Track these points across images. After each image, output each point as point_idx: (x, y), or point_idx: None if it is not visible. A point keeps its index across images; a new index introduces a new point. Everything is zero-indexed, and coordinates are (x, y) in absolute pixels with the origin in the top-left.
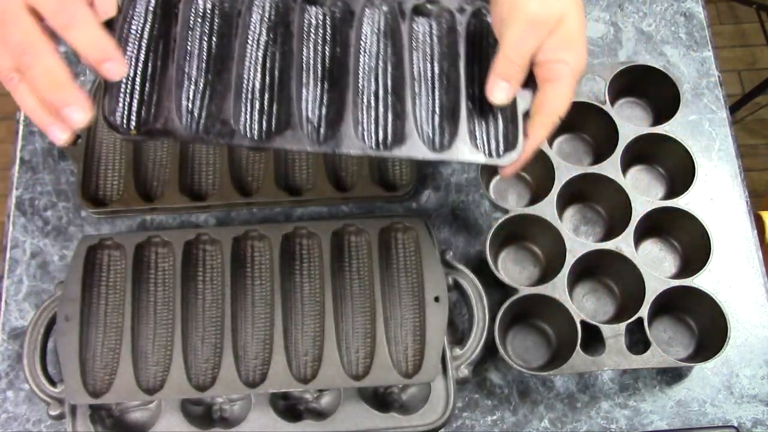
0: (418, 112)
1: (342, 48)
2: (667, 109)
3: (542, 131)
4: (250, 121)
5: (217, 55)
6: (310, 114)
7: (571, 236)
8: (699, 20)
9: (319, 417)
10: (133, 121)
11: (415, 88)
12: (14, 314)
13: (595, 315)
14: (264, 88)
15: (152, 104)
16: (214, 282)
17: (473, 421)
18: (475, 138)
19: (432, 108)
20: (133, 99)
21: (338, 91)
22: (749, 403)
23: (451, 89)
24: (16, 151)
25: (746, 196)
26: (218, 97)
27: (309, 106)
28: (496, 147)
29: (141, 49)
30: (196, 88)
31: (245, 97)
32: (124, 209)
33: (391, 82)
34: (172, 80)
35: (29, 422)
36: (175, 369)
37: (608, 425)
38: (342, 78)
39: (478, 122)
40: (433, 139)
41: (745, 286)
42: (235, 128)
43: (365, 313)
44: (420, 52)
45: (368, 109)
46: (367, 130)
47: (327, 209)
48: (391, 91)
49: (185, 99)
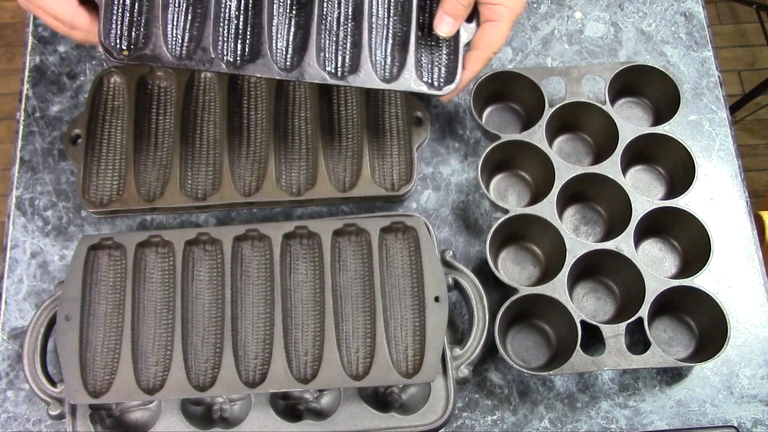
0: (373, 41)
1: None
2: (667, 109)
3: (478, 65)
4: (227, 46)
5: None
6: (279, 42)
7: (571, 236)
8: (699, 20)
9: (319, 417)
10: (124, 43)
11: (372, 17)
12: (14, 314)
13: (595, 315)
14: (239, 14)
15: (141, 28)
16: (214, 282)
17: (473, 421)
18: (421, 68)
19: (386, 36)
20: (124, 23)
21: (304, 17)
22: (749, 403)
23: (405, 19)
24: (16, 151)
25: (746, 196)
26: (199, 22)
27: (279, 33)
28: (438, 78)
29: None
30: (178, 14)
31: (223, 23)
32: (124, 209)
33: (352, 9)
34: (158, 5)
35: (29, 422)
36: (175, 369)
37: (608, 425)
38: (308, 4)
39: (425, 53)
40: (385, 67)
41: (745, 286)
42: (213, 55)
43: (365, 313)
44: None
45: (330, 35)
46: (328, 58)
47: (327, 209)
48: (351, 18)
49: (170, 23)
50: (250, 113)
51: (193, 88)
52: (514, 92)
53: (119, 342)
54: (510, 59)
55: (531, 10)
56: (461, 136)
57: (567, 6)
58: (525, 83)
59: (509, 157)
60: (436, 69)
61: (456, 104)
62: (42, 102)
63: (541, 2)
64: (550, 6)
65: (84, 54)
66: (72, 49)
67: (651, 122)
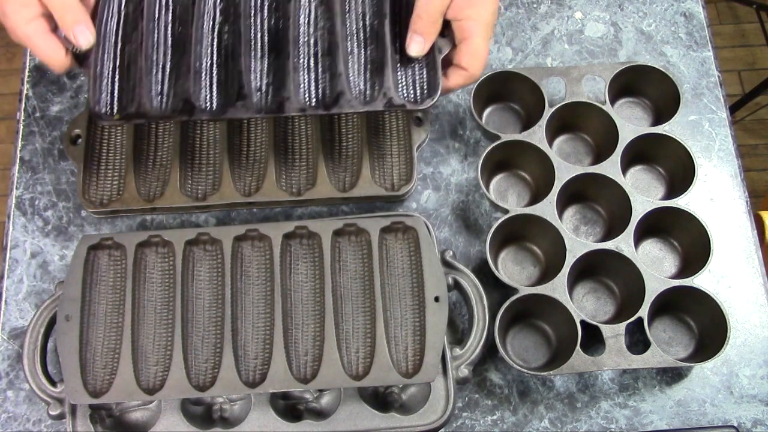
0: (351, 70)
1: (283, 20)
2: (667, 109)
3: (460, 80)
4: (209, 96)
5: (178, 40)
6: (258, 83)
7: (571, 236)
8: (699, 20)
9: (319, 417)
10: (114, 108)
11: (348, 48)
12: (14, 314)
13: (595, 315)
14: (219, 65)
15: (128, 91)
16: (214, 282)
17: (473, 421)
18: (400, 88)
19: (364, 64)
20: (114, 90)
21: (281, 60)
22: (749, 403)
23: (380, 46)
24: (16, 151)
25: (746, 196)
26: (181, 78)
27: (257, 76)
28: (419, 94)
29: (116, 45)
30: (163, 73)
31: (204, 75)
32: (124, 209)
33: (328, 45)
34: (142, 69)
35: (29, 422)
36: (175, 369)
37: (608, 425)
38: (284, 47)
39: (404, 73)
40: (365, 92)
41: (745, 286)
42: (196, 104)
43: (365, 313)
44: (353, 13)
45: (308, 72)
46: (307, 91)
47: (327, 209)
48: (328, 53)
49: (154, 83)
50: None
51: None
52: (514, 92)
53: (119, 342)
54: (510, 59)
55: (531, 10)
56: (461, 136)
57: (567, 6)
58: (525, 83)
59: (509, 157)
60: (418, 86)
61: (456, 104)
62: (42, 102)
63: (541, 2)
64: (550, 6)
65: None
66: None
67: (651, 122)
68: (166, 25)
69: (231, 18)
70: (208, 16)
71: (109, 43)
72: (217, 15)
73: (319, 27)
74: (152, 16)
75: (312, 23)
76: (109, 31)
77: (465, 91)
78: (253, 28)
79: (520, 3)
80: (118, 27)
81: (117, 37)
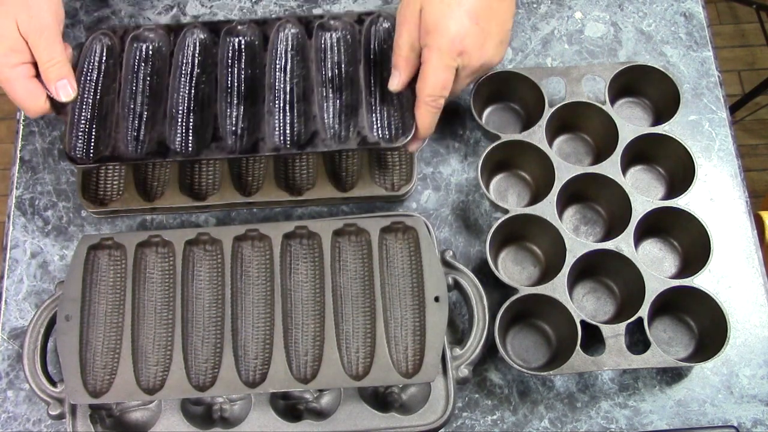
0: (325, 113)
1: (259, 68)
2: (667, 109)
3: (425, 110)
4: (184, 140)
5: (156, 90)
6: (233, 127)
7: (571, 236)
8: (699, 20)
9: (319, 417)
10: (91, 152)
11: (323, 93)
12: (14, 314)
13: (595, 315)
14: (194, 111)
15: (104, 138)
16: (214, 282)
17: (473, 421)
18: (375, 127)
19: (339, 107)
20: (91, 134)
21: (257, 105)
22: (749, 403)
23: (355, 90)
24: (16, 151)
25: (746, 196)
26: (157, 124)
27: (232, 121)
28: (393, 133)
29: (95, 95)
30: (139, 120)
31: (179, 121)
32: (124, 209)
33: (303, 91)
34: (119, 116)
35: (29, 422)
36: (175, 369)
37: (608, 425)
38: (259, 93)
39: (378, 115)
40: (339, 133)
41: (745, 286)
42: (170, 147)
43: (365, 313)
44: (328, 62)
45: (283, 115)
46: (282, 134)
47: (327, 209)
48: (303, 99)
49: (131, 130)
50: None
51: None
52: (514, 92)
53: (119, 342)
54: (510, 59)
55: (531, 10)
56: (461, 136)
57: (567, 6)
58: (525, 83)
59: (509, 157)
60: (393, 126)
61: (456, 104)
62: None
63: (541, 2)
64: (550, 6)
65: None
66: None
67: (651, 122)
68: (144, 77)
69: (209, 69)
70: (186, 67)
71: (87, 94)
72: (195, 66)
73: (295, 75)
74: (131, 68)
75: (288, 71)
76: (88, 83)
77: (465, 91)
78: (229, 77)
79: (520, 3)
80: (98, 79)
81: (96, 88)
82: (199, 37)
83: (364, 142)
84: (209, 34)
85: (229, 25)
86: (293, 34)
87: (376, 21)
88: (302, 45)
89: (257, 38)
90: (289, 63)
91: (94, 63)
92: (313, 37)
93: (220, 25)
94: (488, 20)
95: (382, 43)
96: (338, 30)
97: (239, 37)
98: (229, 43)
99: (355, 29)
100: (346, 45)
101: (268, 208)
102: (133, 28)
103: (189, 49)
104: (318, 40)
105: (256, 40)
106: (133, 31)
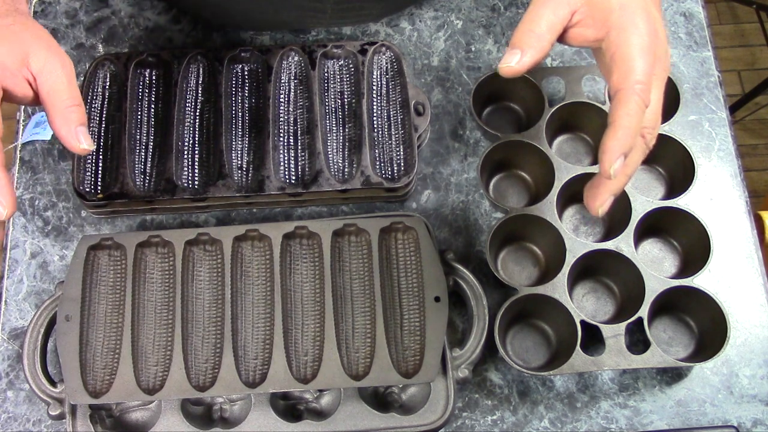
0: (329, 148)
1: (263, 99)
2: (667, 109)
3: (641, 150)
4: (190, 175)
5: (161, 120)
6: (239, 162)
7: (571, 236)
8: (699, 20)
9: (319, 417)
10: (99, 187)
11: (326, 126)
12: (14, 314)
13: (595, 315)
14: (200, 143)
15: (111, 171)
16: (214, 282)
17: (473, 421)
18: (376, 166)
19: (342, 142)
20: (98, 169)
21: (261, 138)
22: (749, 403)
23: (358, 124)
24: (16, 151)
25: (746, 196)
26: (164, 157)
27: (238, 155)
28: (395, 172)
29: (100, 125)
30: (146, 152)
31: (185, 156)
32: (124, 209)
33: (307, 123)
34: (125, 148)
35: (29, 422)
36: (175, 369)
37: (608, 425)
38: (264, 126)
39: (380, 151)
40: (343, 170)
41: (745, 286)
42: (178, 184)
43: (365, 313)
44: (331, 92)
45: (287, 151)
46: (287, 170)
47: (327, 209)
48: (307, 132)
49: (137, 162)
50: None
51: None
52: (514, 92)
53: (119, 342)
54: None
55: None
56: (461, 136)
57: None
58: (525, 83)
59: (509, 157)
60: (395, 164)
61: (456, 104)
62: None
63: None
64: None
65: (84, 54)
66: (72, 50)
67: None
68: (149, 105)
69: (213, 98)
70: (190, 96)
71: (93, 123)
72: (198, 95)
73: (299, 106)
74: (136, 96)
75: (291, 102)
76: (93, 111)
77: (465, 91)
78: (234, 107)
79: (520, 3)
80: (102, 107)
81: (101, 117)
82: (202, 64)
83: (368, 182)
84: (213, 61)
85: (232, 53)
86: (297, 62)
87: (378, 50)
88: (306, 75)
89: (261, 65)
90: (293, 93)
91: (98, 91)
92: (316, 67)
93: (223, 53)
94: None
95: (383, 75)
96: (341, 58)
97: (243, 64)
98: (233, 71)
99: (358, 59)
100: (348, 75)
101: (268, 208)
102: (137, 54)
103: (192, 77)
104: (321, 70)
105: (260, 67)
106: (137, 57)
